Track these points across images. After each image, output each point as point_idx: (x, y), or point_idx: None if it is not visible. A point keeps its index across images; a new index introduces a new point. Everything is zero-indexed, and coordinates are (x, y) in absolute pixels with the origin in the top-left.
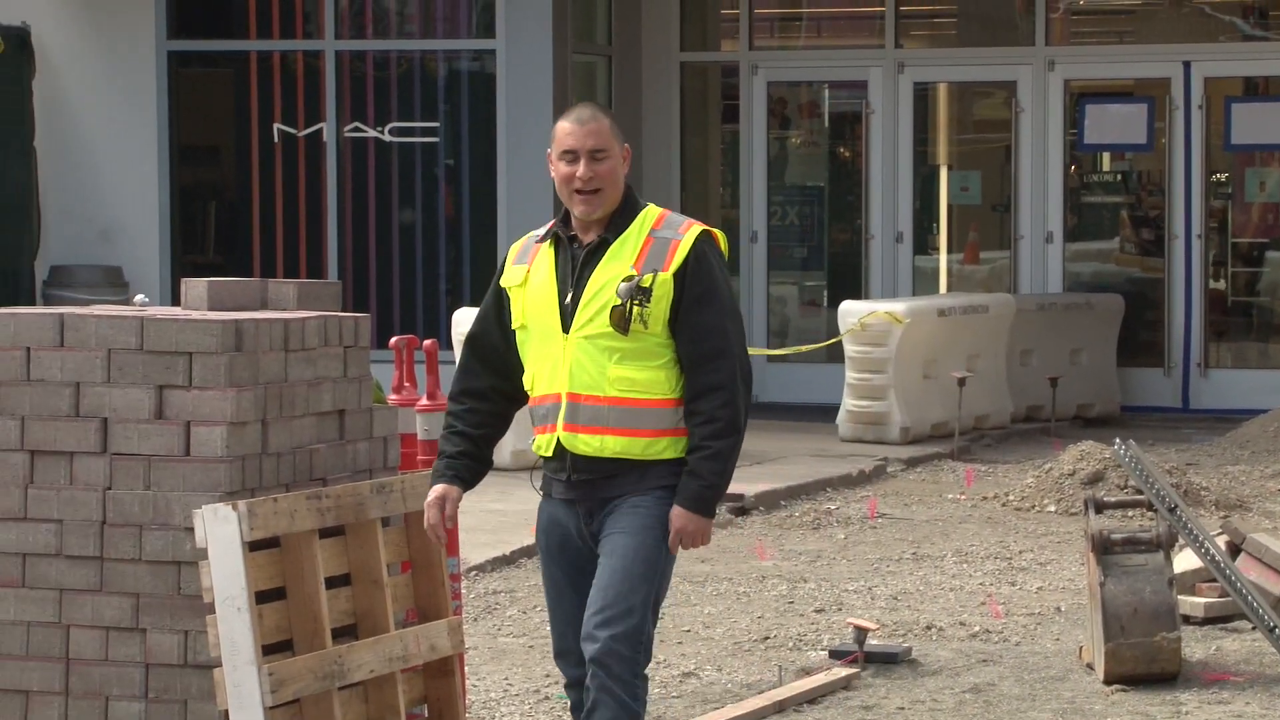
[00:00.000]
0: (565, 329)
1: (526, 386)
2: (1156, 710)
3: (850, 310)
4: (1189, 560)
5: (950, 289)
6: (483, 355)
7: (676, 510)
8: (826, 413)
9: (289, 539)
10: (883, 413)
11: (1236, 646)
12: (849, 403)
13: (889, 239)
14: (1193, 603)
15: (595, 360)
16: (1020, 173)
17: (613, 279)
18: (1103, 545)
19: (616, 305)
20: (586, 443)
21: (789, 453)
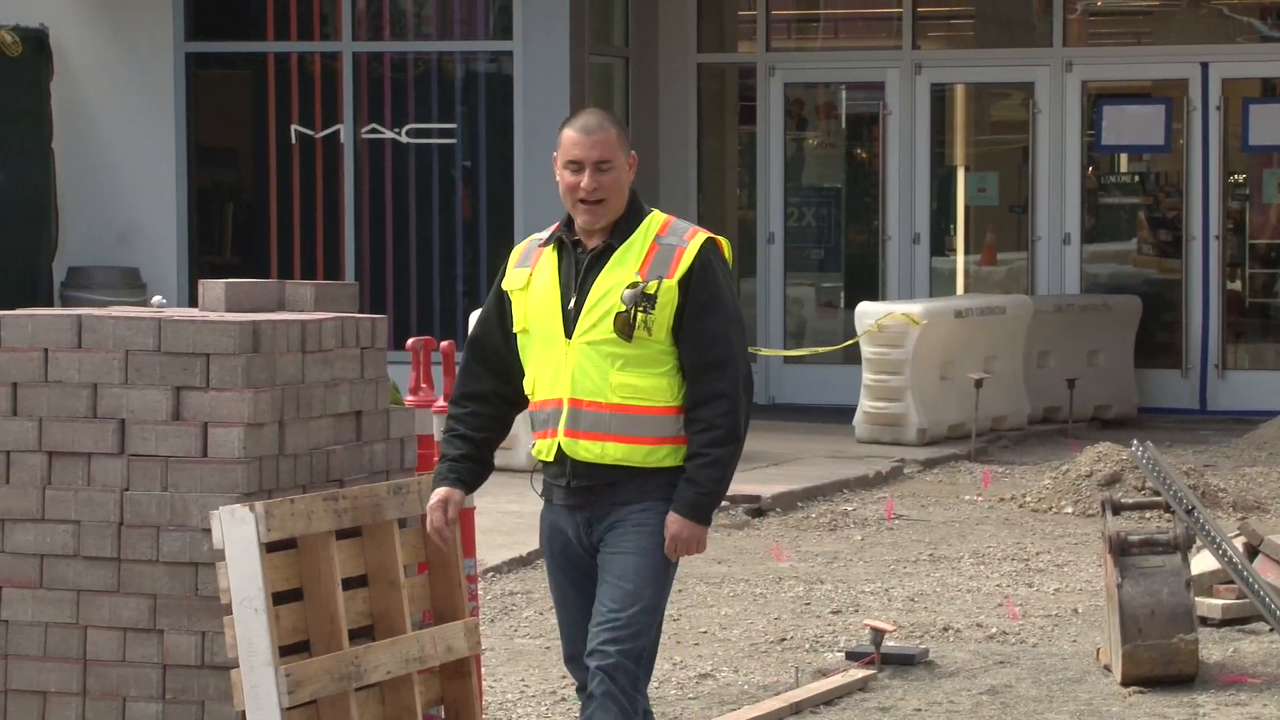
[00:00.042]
0: (568, 334)
1: (527, 390)
2: (1174, 712)
3: (867, 311)
4: (1206, 562)
5: (967, 290)
6: (484, 358)
7: (672, 516)
8: (843, 414)
9: (306, 540)
10: (900, 414)
11: (1254, 648)
12: (866, 404)
13: (906, 240)
14: (1210, 604)
15: (598, 366)
16: (1038, 174)
17: (617, 285)
18: (1120, 547)
19: (621, 311)
20: (587, 449)
21: (806, 454)
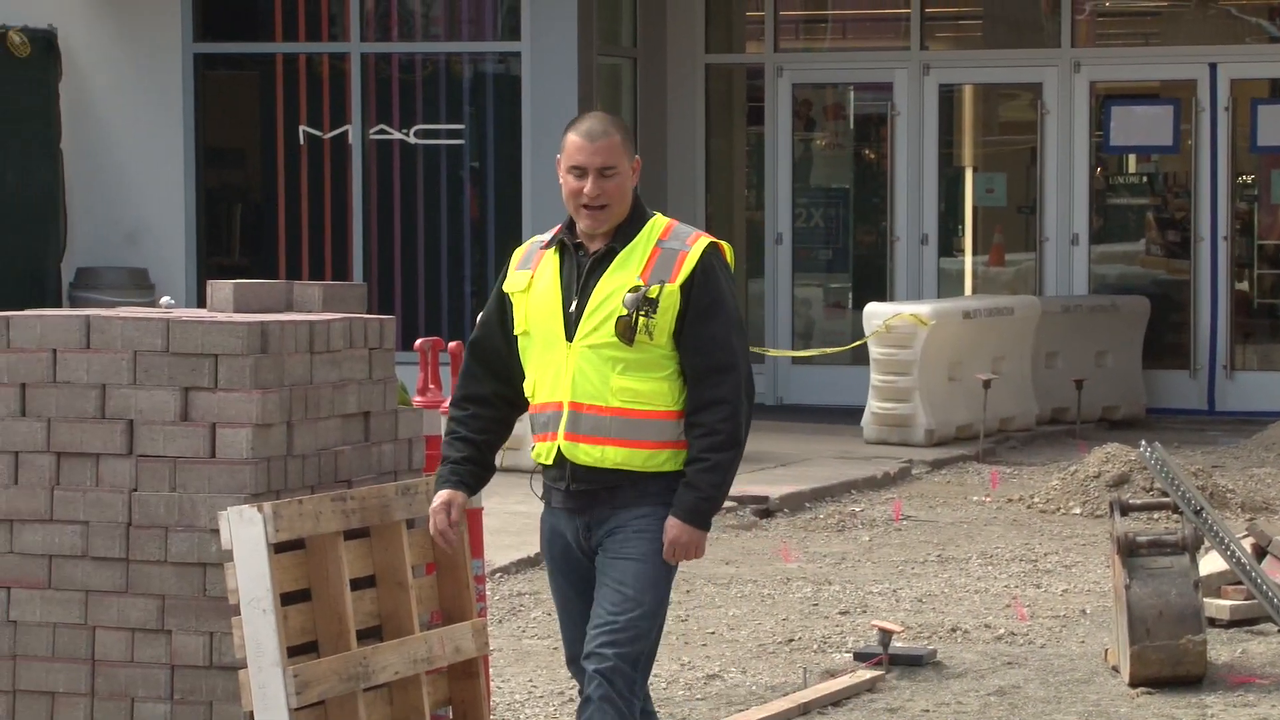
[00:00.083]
0: (569, 337)
1: (527, 393)
2: (1182, 713)
3: (875, 312)
4: (1214, 563)
5: (975, 291)
6: (485, 360)
7: (671, 521)
8: (851, 415)
9: (314, 541)
10: (908, 415)
11: (1262, 649)
12: (874, 405)
13: (914, 241)
14: (1218, 605)
15: (598, 370)
16: (1046, 175)
17: (619, 289)
18: (1128, 548)
19: (622, 315)
20: (587, 453)
21: (814, 455)
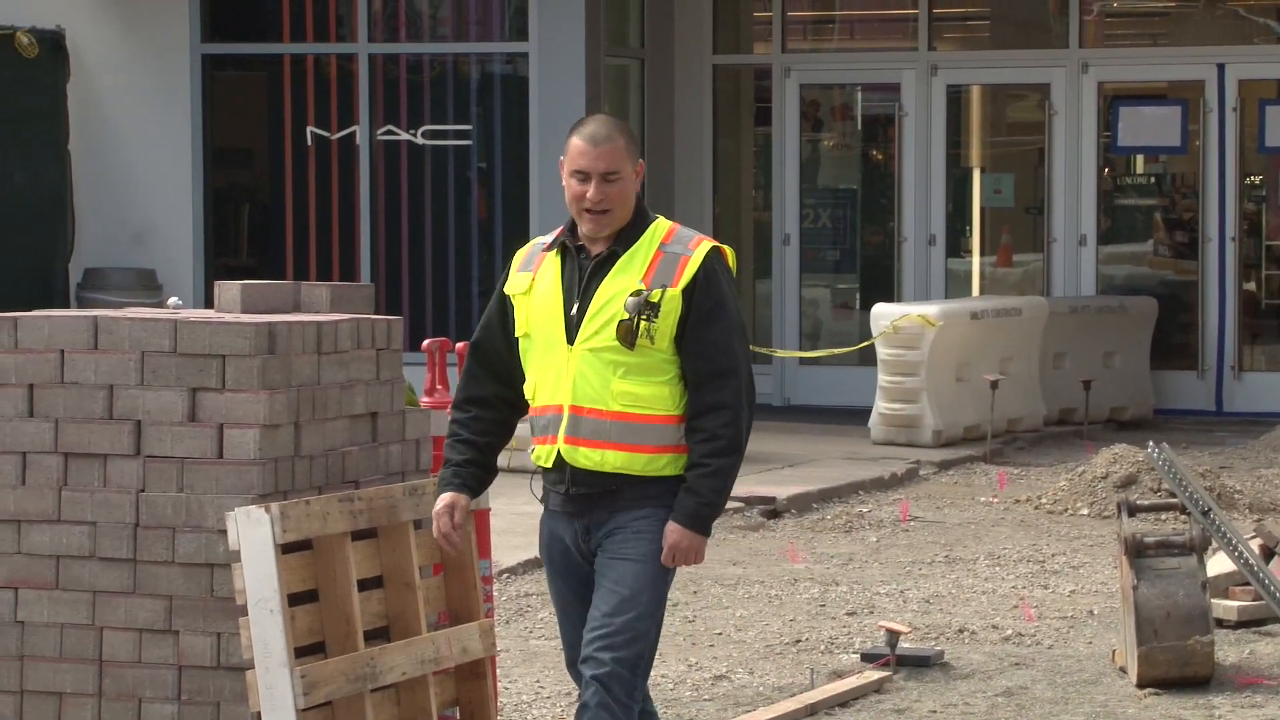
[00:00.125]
0: (570, 340)
1: (528, 395)
2: (1189, 714)
3: (883, 313)
4: (1222, 564)
5: (983, 292)
6: (486, 362)
7: (672, 525)
8: (858, 415)
9: (321, 541)
10: (915, 415)
11: (1270, 650)
12: (881, 405)
13: (922, 241)
14: (1226, 606)
15: (599, 373)
16: (1053, 175)
17: (620, 292)
18: (1136, 548)
19: (624, 319)
20: (587, 456)
21: (821, 455)
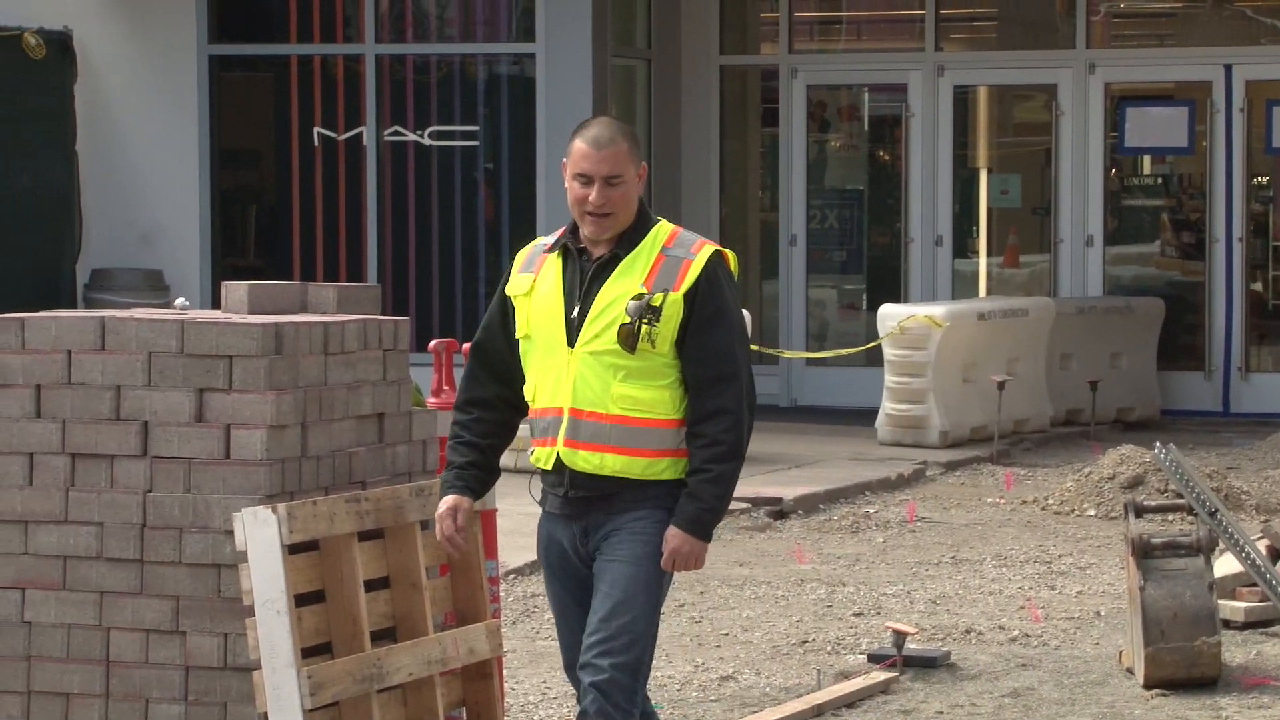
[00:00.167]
0: (570, 343)
1: (527, 397)
2: (1196, 715)
3: (889, 314)
4: (1229, 564)
5: (990, 292)
6: (487, 363)
7: (673, 531)
8: (865, 416)
9: (328, 542)
10: (922, 416)
11: (1277, 651)
12: (888, 406)
13: (928, 242)
14: (1233, 607)
15: (599, 376)
16: (1060, 176)
17: (622, 295)
18: (1143, 549)
19: (625, 323)
20: (586, 459)
21: (828, 456)
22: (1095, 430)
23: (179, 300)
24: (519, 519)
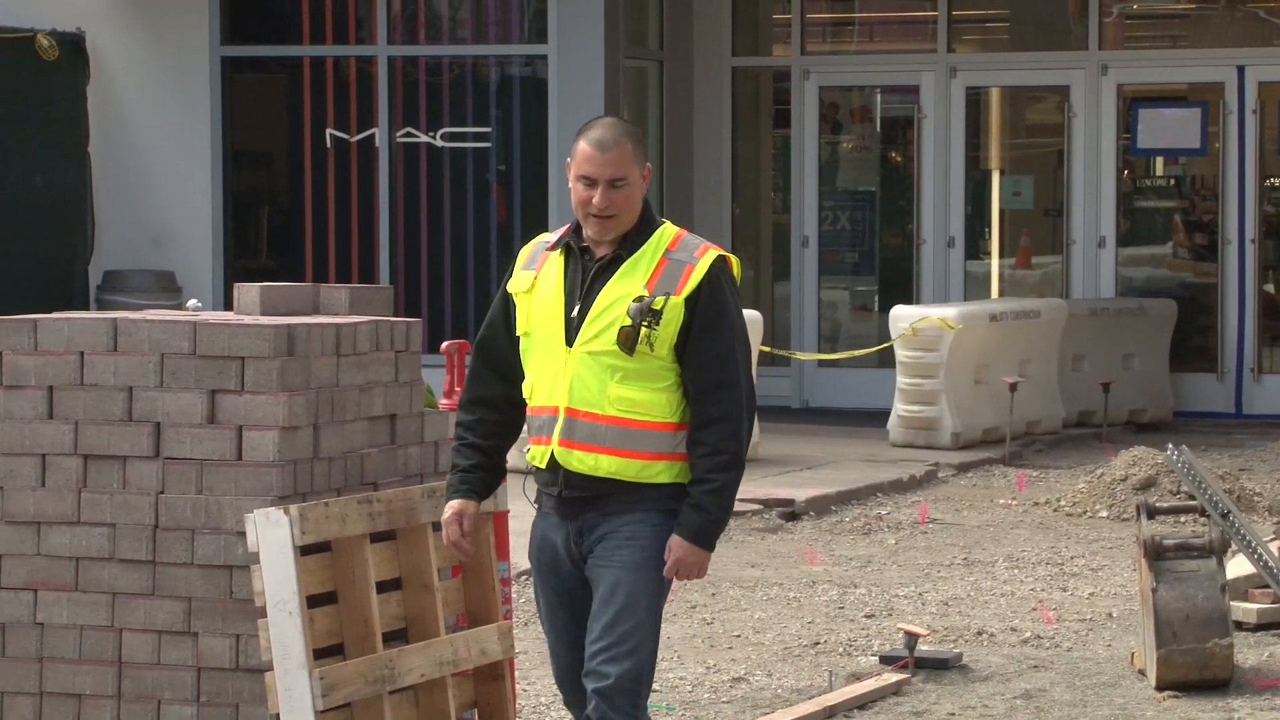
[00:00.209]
0: (569, 342)
1: (525, 394)
2: (1208, 717)
3: (901, 315)
4: (1242, 566)
5: (1002, 294)
6: (491, 362)
7: (677, 540)
8: (877, 418)
9: (340, 543)
10: (934, 418)
11: None
12: (900, 408)
13: (940, 244)
14: (1245, 609)
15: (597, 377)
16: (1073, 177)
17: (622, 297)
18: (1155, 551)
19: (625, 325)
20: (581, 460)
21: (840, 458)
22: (1107, 432)
23: (191, 302)
24: (531, 520)
